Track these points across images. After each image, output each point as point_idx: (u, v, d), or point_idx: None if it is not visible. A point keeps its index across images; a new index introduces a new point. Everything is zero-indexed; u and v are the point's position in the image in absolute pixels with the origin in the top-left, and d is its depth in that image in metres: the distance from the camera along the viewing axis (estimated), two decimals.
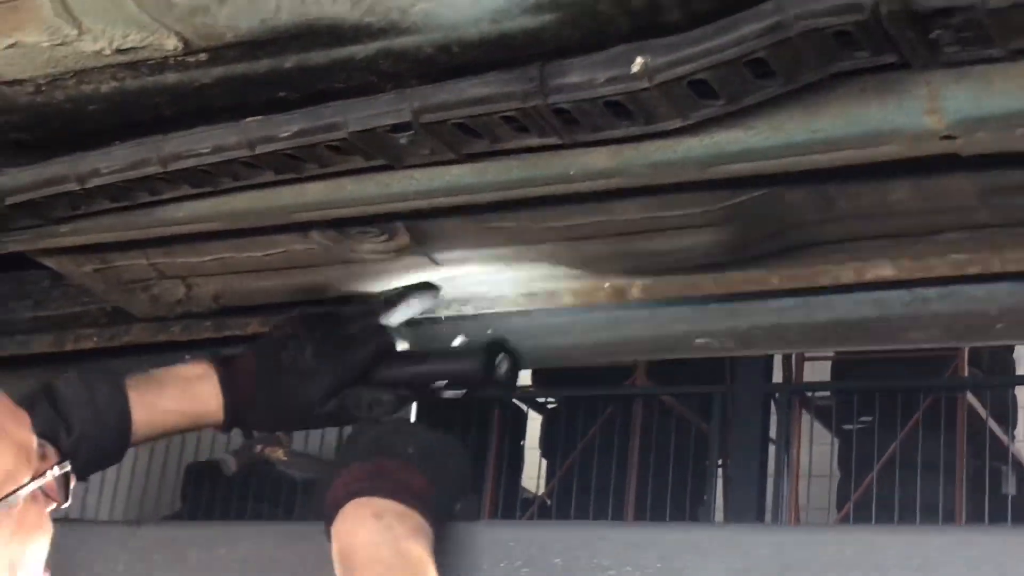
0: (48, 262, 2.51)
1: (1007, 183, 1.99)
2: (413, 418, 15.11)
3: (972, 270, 2.17)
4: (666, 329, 2.50)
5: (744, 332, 2.45)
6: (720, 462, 13.90)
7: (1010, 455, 12.74)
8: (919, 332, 2.33)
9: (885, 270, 2.23)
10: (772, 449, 13.53)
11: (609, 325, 2.53)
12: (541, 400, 14.38)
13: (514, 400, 14.13)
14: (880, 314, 2.34)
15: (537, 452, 14.72)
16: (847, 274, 2.25)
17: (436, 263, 2.38)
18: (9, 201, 2.14)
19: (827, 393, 13.56)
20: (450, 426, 14.44)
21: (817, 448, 13.97)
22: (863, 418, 13.47)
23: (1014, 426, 13.21)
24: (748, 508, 13.09)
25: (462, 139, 1.93)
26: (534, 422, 14.94)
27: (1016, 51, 1.66)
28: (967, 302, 2.27)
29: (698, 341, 2.50)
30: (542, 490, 14.59)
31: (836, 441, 13.61)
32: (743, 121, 1.84)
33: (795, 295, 2.36)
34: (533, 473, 14.81)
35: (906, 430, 12.53)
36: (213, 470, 14.64)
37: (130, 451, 2.24)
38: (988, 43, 1.65)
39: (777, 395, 13.40)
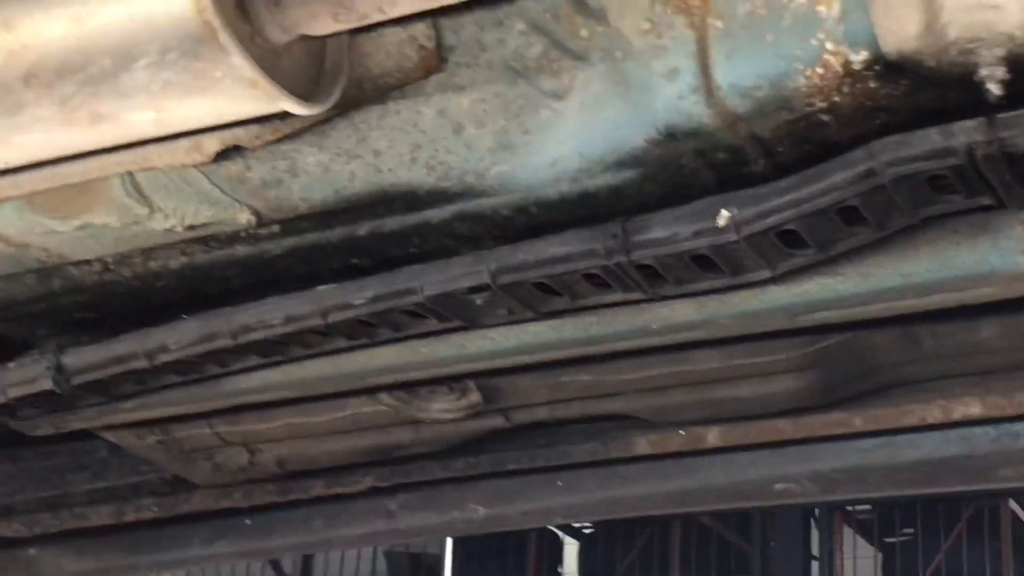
0: (109, 436, 2.46)
1: None
2: (449, 550, 14.99)
3: None
4: (744, 475, 2.43)
5: (825, 476, 2.38)
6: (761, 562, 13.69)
7: None
8: (1009, 469, 2.26)
9: (973, 407, 2.17)
10: (815, 566, 13.35)
11: (685, 473, 2.47)
12: (577, 525, 14.24)
13: (550, 526, 14.00)
14: (968, 452, 2.27)
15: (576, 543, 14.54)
16: (934, 413, 2.19)
17: (509, 422, 2.33)
18: (76, 381, 2.09)
19: (868, 507, 13.40)
20: (485, 555, 14.34)
21: (860, 563, 13.78)
22: (905, 530, 13.31)
23: None
24: None
25: (541, 298, 1.88)
26: (571, 547, 14.78)
27: None
28: None
29: (778, 487, 2.43)
30: None
31: (879, 555, 13.43)
32: (832, 269, 1.79)
33: (877, 436, 2.30)
34: (574, 568, 14.60)
35: (950, 541, 12.36)
36: None
37: None
38: None
39: (817, 511, 13.25)
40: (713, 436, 2.36)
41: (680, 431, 2.37)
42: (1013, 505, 12.56)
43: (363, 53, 1.67)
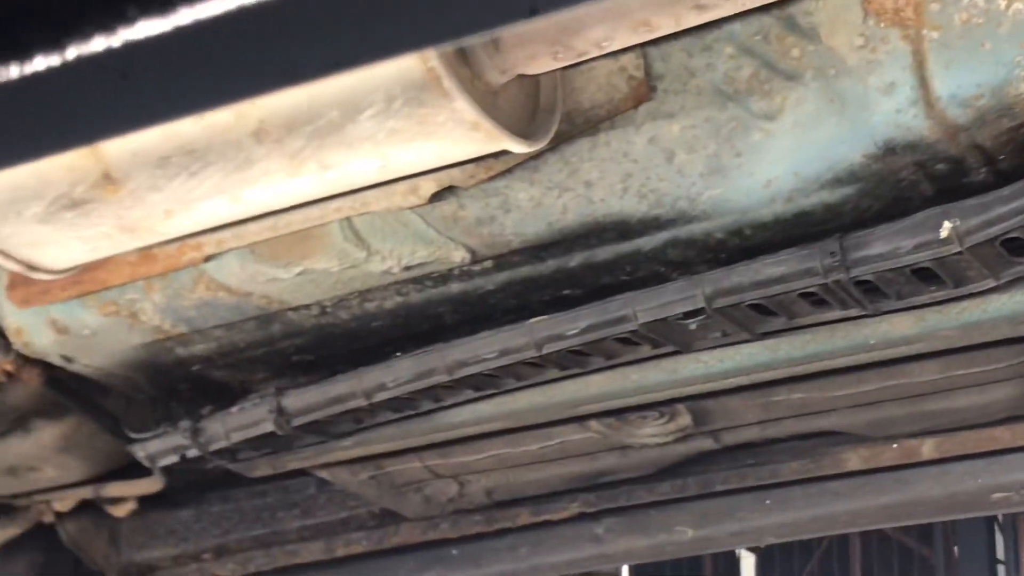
0: (323, 474, 2.51)
1: None
2: (626, 571, 14.95)
3: None
4: (960, 486, 2.38)
5: None
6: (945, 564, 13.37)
7: None
8: None
9: None
10: (1001, 570, 13.00)
11: (898, 487, 2.43)
12: (749, 546, 14.07)
13: None
14: None
15: (753, 565, 14.37)
16: None
17: (718, 443, 2.32)
18: (296, 422, 2.14)
19: None
20: (662, 574, 14.26)
21: None
22: None
23: None
24: None
25: (757, 319, 1.88)
26: (747, 561, 14.62)
27: None
28: None
29: (995, 496, 2.38)
30: None
31: None
32: None
33: None
34: None
35: None
36: None
37: None
38: None
39: (1000, 515, 12.91)
40: (927, 448, 2.32)
41: (893, 444, 2.34)
42: None
43: (574, 88, 1.68)
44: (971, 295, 1.78)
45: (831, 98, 1.63)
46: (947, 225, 1.66)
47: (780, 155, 1.69)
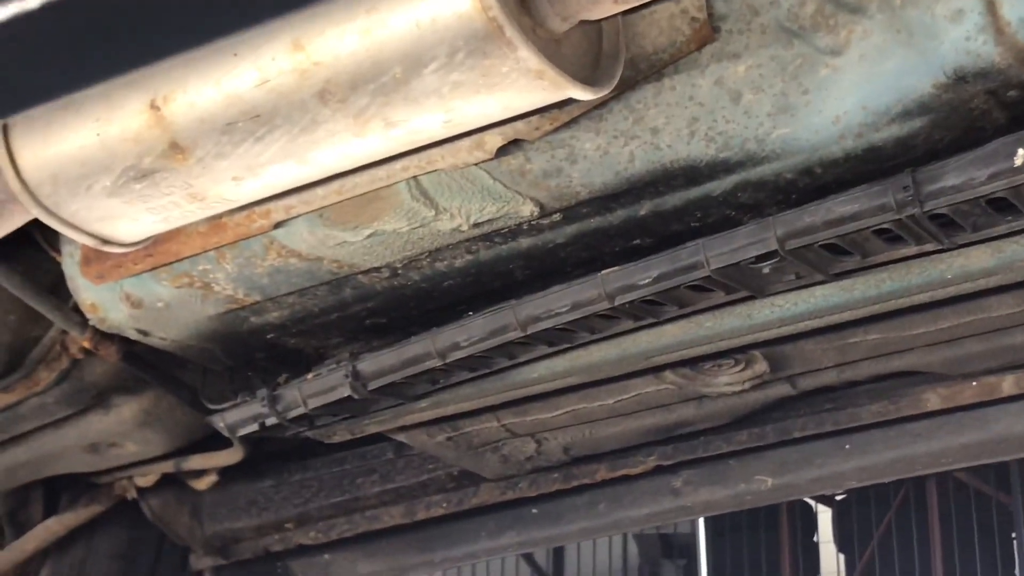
0: (400, 437, 2.52)
1: None
2: (702, 528, 14.95)
3: None
4: None
5: None
6: None
7: None
8: None
9: None
10: None
11: (979, 425, 2.40)
12: (829, 492, 14.02)
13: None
14: None
15: (832, 547, 14.32)
16: None
17: (796, 388, 2.31)
18: (372, 386, 2.15)
19: None
20: (737, 530, 14.24)
21: None
22: None
23: None
24: None
25: (830, 259, 1.86)
26: (824, 514, 14.56)
27: None
28: None
29: None
30: None
31: None
32: None
33: None
34: (831, 568, 14.39)
35: None
36: None
37: None
38: None
39: None
40: (1008, 384, 2.30)
41: (972, 382, 2.31)
42: None
43: (637, 32, 1.67)
44: None
45: (898, 29, 1.61)
46: (1022, 153, 1.64)
47: (848, 90, 1.66)
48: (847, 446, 2.51)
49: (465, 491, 2.82)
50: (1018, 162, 1.64)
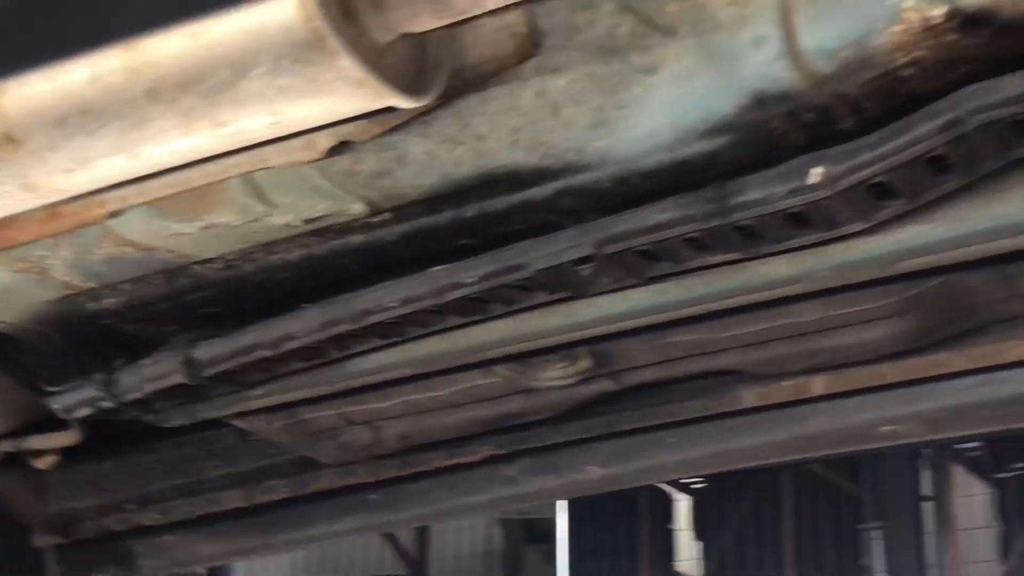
0: (238, 423, 2.58)
1: None
2: (563, 514, 15.11)
3: None
4: (850, 420, 2.49)
5: (930, 416, 2.43)
6: (876, 525, 13.67)
7: None
8: None
9: None
10: (927, 506, 13.29)
11: (793, 422, 2.53)
12: (686, 481, 14.29)
13: (659, 484, 14.07)
14: None
15: (689, 535, 14.59)
16: None
17: (619, 384, 2.41)
18: (206, 373, 2.21)
19: (977, 444, 13.28)
20: (597, 516, 14.43)
21: (974, 500, 13.67)
22: (1017, 465, 13.18)
23: None
24: (909, 568, 12.85)
25: (644, 264, 1.96)
26: (682, 503, 14.83)
27: None
28: None
29: (883, 429, 2.49)
30: (698, 573, 14.44)
31: (992, 491, 13.32)
32: (924, 216, 1.85)
33: (978, 374, 2.35)
34: (687, 554, 14.67)
35: None
36: None
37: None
38: None
39: (924, 451, 13.16)
40: (818, 385, 2.42)
41: (786, 382, 2.43)
42: None
43: (461, 44, 1.75)
44: (843, 237, 1.88)
45: (706, 52, 1.71)
46: (816, 171, 1.75)
47: (660, 107, 1.77)
48: (670, 439, 2.62)
49: (305, 476, 2.88)
50: (813, 180, 1.76)
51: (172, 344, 2.26)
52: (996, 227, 1.84)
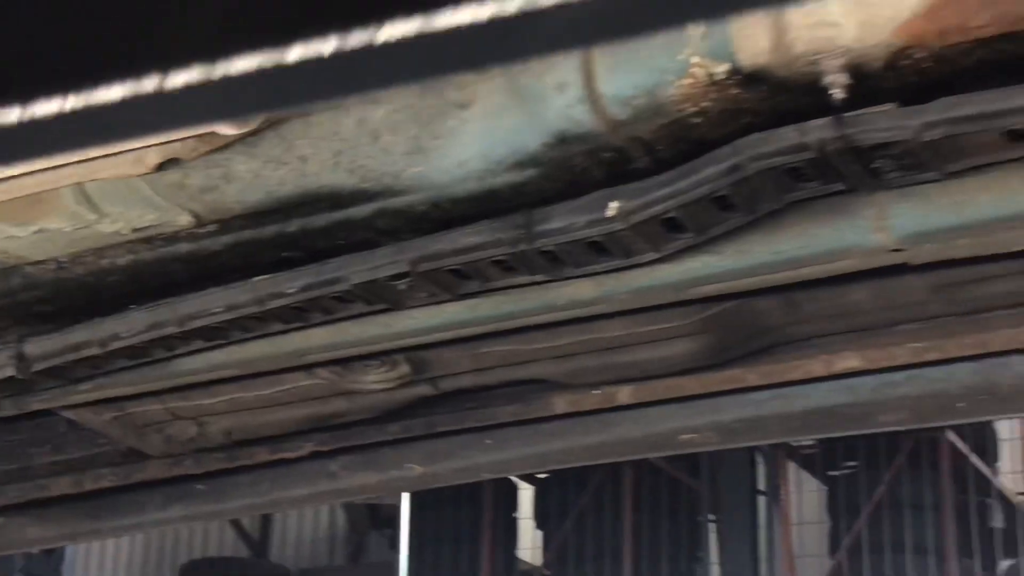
0: (67, 414, 2.66)
1: (953, 280, 2.18)
2: (406, 501, 15.16)
3: (931, 356, 2.35)
4: (653, 428, 2.65)
5: (726, 426, 2.61)
6: (712, 517, 14.01)
7: (994, 489, 12.90)
8: (888, 415, 2.49)
9: (852, 361, 2.40)
10: (762, 501, 13.62)
11: (601, 428, 2.69)
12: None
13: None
14: (851, 400, 2.50)
15: (532, 523, 14.78)
16: (818, 367, 2.42)
17: (437, 389, 2.55)
18: (36, 367, 2.30)
19: (811, 441, 13.67)
20: (440, 504, 14.54)
21: (806, 496, 14.09)
22: (848, 463, 13.58)
23: (996, 459, 13.38)
24: (743, 561, 13.19)
25: (456, 282, 2.10)
26: (526, 492, 14.99)
27: (952, 172, 1.85)
28: (929, 384, 2.43)
29: (683, 437, 2.66)
30: (539, 561, 14.64)
31: (824, 488, 13.73)
32: (711, 248, 2.02)
33: (770, 389, 2.53)
34: (529, 543, 14.86)
35: (891, 472, 12.67)
36: (213, 566, 14.65)
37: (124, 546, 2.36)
38: (925, 167, 1.83)
39: (760, 447, 13.49)
40: (624, 394, 2.58)
41: (595, 391, 2.59)
42: (951, 436, 12.85)
43: None
44: (638, 265, 2.04)
45: (515, 92, 1.86)
46: (613, 205, 1.91)
47: (472, 140, 1.91)
48: (487, 441, 2.76)
49: (133, 466, 2.96)
50: (610, 213, 1.92)
51: (3, 339, 2.34)
52: (776, 260, 2.01)
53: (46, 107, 0.65)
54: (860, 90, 1.73)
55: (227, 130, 1.70)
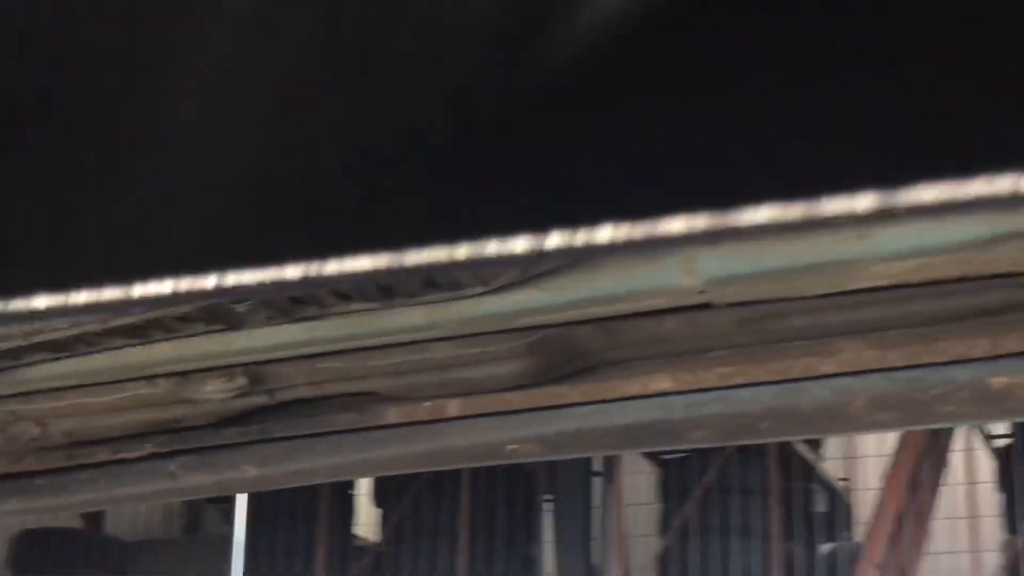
0: None
1: (758, 315, 2.37)
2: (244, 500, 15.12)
3: (737, 380, 2.53)
4: (480, 439, 2.80)
5: (550, 438, 2.77)
6: (548, 498, 14.28)
7: (818, 475, 13.40)
8: (698, 432, 2.68)
9: (665, 383, 2.57)
10: (597, 482, 13.93)
11: (431, 437, 2.83)
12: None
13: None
14: (664, 417, 2.68)
15: (369, 501, 14.90)
16: (634, 387, 2.59)
17: (274, 399, 2.66)
18: None
19: None
20: (276, 516, 14.52)
21: (639, 478, 14.44)
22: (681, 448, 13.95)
23: (820, 447, 13.89)
24: (576, 540, 13.48)
25: (294, 307, 2.22)
26: (363, 502, 15.10)
27: None
28: (735, 405, 2.62)
29: (509, 447, 2.81)
30: (376, 538, 14.77)
31: (657, 472, 14.09)
32: (535, 284, 2.17)
33: (592, 405, 2.69)
34: (367, 521, 15.00)
35: (722, 458, 13.06)
36: (47, 536, 14.47)
37: None
38: None
39: None
40: (453, 407, 2.72)
41: (425, 403, 2.73)
42: None
43: None
44: (467, 297, 2.18)
45: None
46: None
47: None
48: (320, 447, 2.88)
49: None
50: None
51: None
52: (593, 297, 2.18)
53: None
54: None
55: None
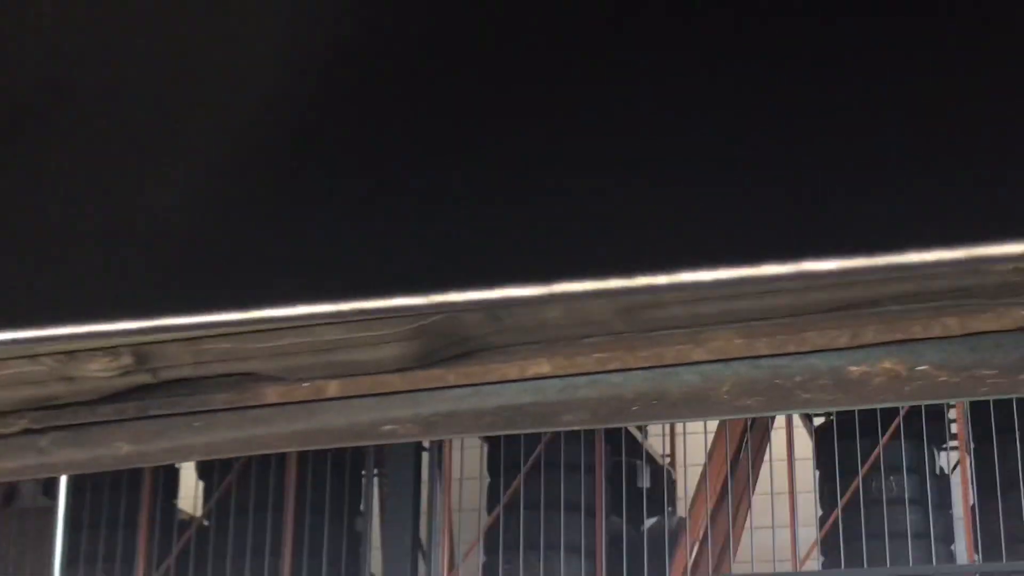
0: None
1: (638, 304, 2.48)
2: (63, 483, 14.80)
3: (612, 365, 2.65)
4: (358, 418, 2.87)
5: (425, 418, 2.85)
6: (376, 472, 14.34)
7: (643, 451, 13.73)
8: (570, 415, 2.79)
9: (544, 367, 2.68)
10: (425, 456, 14.04)
11: (308, 416, 2.89)
12: (178, 463, 14.40)
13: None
14: (538, 400, 2.78)
15: (193, 473, 14.78)
16: (512, 371, 2.69)
17: (156, 378, 2.69)
18: None
19: None
20: (98, 488, 14.29)
21: (468, 452, 14.59)
22: None
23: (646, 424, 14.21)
24: (404, 515, 13.57)
25: None
26: (187, 475, 14.96)
27: None
28: (608, 389, 2.73)
29: (385, 427, 2.89)
30: (200, 511, 14.66)
31: (485, 446, 14.27)
32: None
33: (468, 387, 2.79)
34: (189, 493, 14.87)
35: (550, 434, 13.29)
36: None
37: None
38: None
39: None
40: (333, 388, 2.79)
41: (305, 384, 2.79)
42: None
43: None
44: None
45: None
46: None
47: None
48: (195, 424, 2.92)
49: None
50: None
51: None
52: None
53: None
54: None
55: None
